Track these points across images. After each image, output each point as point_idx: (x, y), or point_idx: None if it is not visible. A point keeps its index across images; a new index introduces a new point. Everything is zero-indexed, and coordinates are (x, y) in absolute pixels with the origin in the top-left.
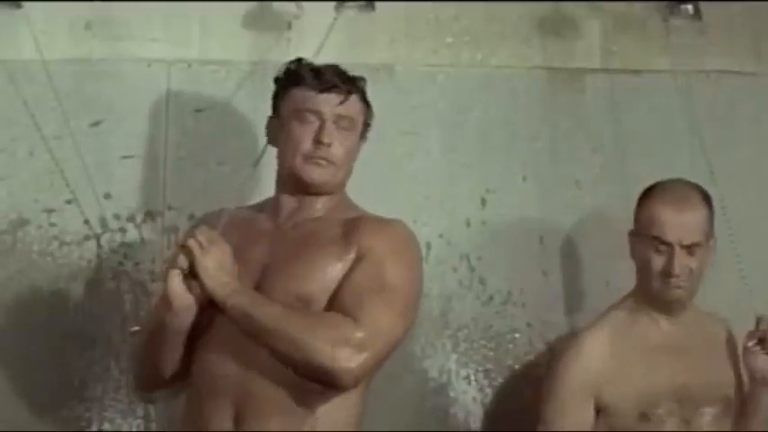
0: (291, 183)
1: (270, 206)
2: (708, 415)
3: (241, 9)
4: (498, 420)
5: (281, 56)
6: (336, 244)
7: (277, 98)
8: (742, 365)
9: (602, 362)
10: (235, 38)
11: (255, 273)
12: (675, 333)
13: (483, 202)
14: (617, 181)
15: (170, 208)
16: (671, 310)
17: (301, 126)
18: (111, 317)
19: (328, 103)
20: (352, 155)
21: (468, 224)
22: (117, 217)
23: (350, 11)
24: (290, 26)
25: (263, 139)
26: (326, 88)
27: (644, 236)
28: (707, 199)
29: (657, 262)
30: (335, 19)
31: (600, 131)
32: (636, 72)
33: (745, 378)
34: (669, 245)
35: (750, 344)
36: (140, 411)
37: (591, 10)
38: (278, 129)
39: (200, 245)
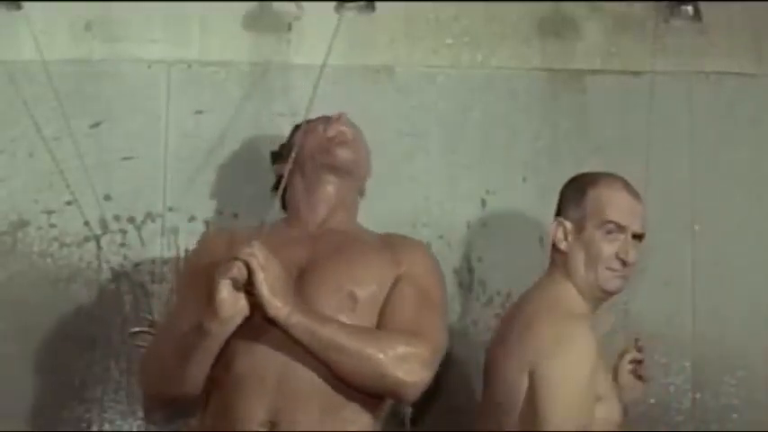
0: (321, 169)
1: (292, 218)
2: None
3: (241, 10)
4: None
5: (282, 57)
6: (377, 252)
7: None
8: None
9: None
10: (235, 39)
11: (293, 274)
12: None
13: (483, 202)
14: None
15: (170, 209)
16: (600, 304)
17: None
18: (111, 318)
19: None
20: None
21: (469, 225)
22: (117, 218)
23: (350, 11)
24: (290, 27)
25: (263, 140)
26: None
27: (590, 222)
28: None
29: (609, 248)
30: (339, 21)
31: (600, 132)
32: (636, 73)
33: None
34: (623, 229)
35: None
36: (140, 412)
37: (591, 11)
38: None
39: (258, 260)
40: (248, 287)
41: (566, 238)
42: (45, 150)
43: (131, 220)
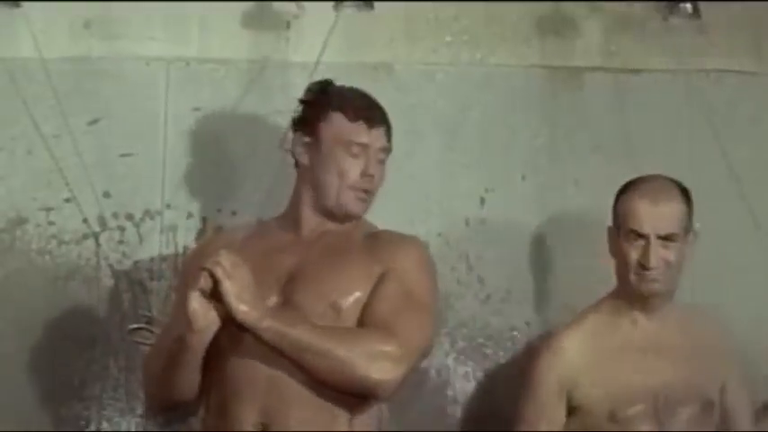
0: (326, 209)
1: (290, 220)
2: (684, 414)
3: (240, 8)
4: (496, 419)
5: (280, 54)
6: (362, 257)
7: (312, 116)
8: None
9: (576, 361)
10: (234, 37)
11: (281, 279)
12: (654, 331)
13: (482, 200)
14: (616, 180)
15: (169, 206)
16: (648, 306)
17: (349, 157)
18: (110, 315)
19: (378, 139)
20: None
21: (467, 223)
22: (116, 215)
23: (349, 10)
24: (288, 25)
25: (261, 138)
26: (376, 124)
27: (621, 230)
28: (684, 193)
29: (634, 254)
30: (336, 19)
31: (599, 131)
32: (635, 71)
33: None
34: (645, 236)
35: None
36: (139, 410)
37: (590, 9)
38: (312, 148)
39: (224, 269)
40: (217, 296)
41: (611, 247)
42: (44, 148)
43: (130, 217)
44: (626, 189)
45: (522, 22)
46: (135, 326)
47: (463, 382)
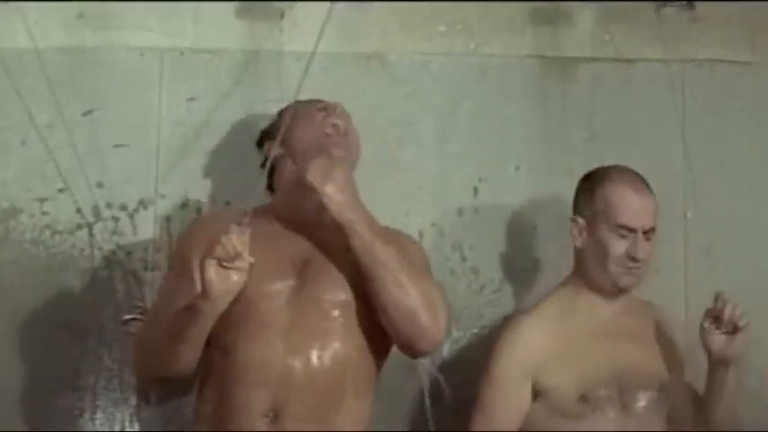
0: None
1: (280, 205)
2: (644, 399)
3: None
4: None
5: (275, 44)
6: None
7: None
8: (702, 344)
9: (540, 343)
10: (228, 26)
11: (297, 263)
12: (615, 318)
13: (475, 190)
14: None
15: (162, 196)
16: (613, 296)
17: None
18: (104, 306)
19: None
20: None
21: (461, 213)
22: (109, 206)
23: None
24: (282, 15)
25: (255, 128)
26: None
27: (603, 222)
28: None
29: (619, 247)
30: (330, 10)
31: (593, 120)
32: (629, 61)
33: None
34: (634, 231)
35: (706, 324)
36: (133, 400)
37: None
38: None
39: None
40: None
41: (580, 235)
42: (38, 138)
43: (124, 207)
44: (603, 179)
45: (515, 13)
46: (129, 316)
47: (457, 373)
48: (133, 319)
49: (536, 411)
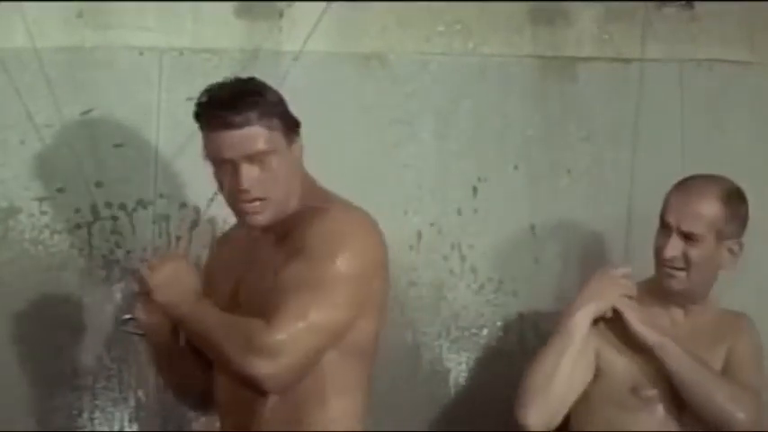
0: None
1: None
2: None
3: None
4: (489, 407)
5: (274, 44)
6: (276, 253)
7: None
8: None
9: (608, 323)
10: (227, 26)
11: (233, 287)
12: (680, 324)
13: (474, 190)
14: (608, 170)
15: (161, 196)
16: (673, 301)
17: (224, 175)
18: (103, 305)
19: (233, 148)
20: (284, 173)
21: (460, 212)
22: (108, 205)
23: None
24: (281, 14)
25: None
26: (226, 126)
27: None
28: (727, 198)
29: (657, 242)
30: (326, 8)
31: (591, 120)
32: (628, 61)
33: None
34: (668, 226)
35: None
36: (132, 400)
37: None
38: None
39: (151, 267)
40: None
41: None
42: (37, 138)
43: (122, 207)
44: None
45: (514, 12)
46: (128, 316)
47: (456, 371)
48: (131, 319)
49: (592, 391)
